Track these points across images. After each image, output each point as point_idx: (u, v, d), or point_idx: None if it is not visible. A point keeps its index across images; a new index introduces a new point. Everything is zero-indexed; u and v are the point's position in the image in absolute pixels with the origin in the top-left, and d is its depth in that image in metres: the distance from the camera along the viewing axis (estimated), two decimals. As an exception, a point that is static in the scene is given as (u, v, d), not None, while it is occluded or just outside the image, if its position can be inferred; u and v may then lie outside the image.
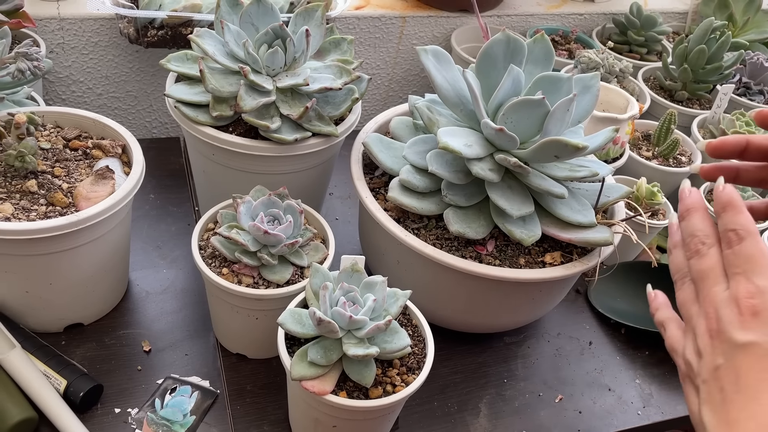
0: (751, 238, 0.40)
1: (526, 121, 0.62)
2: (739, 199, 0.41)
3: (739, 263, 0.39)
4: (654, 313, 0.48)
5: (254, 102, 0.64)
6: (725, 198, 0.42)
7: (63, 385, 0.59)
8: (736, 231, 0.40)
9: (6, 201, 0.58)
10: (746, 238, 0.39)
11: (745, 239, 0.39)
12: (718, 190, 0.43)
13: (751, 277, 0.38)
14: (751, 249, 0.39)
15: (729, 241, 0.40)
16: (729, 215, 0.41)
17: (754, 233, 0.40)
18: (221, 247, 0.60)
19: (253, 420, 0.63)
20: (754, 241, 0.40)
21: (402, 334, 0.55)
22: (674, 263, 0.46)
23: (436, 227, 0.67)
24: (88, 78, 0.93)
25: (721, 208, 0.41)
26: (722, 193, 0.42)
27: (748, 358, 0.37)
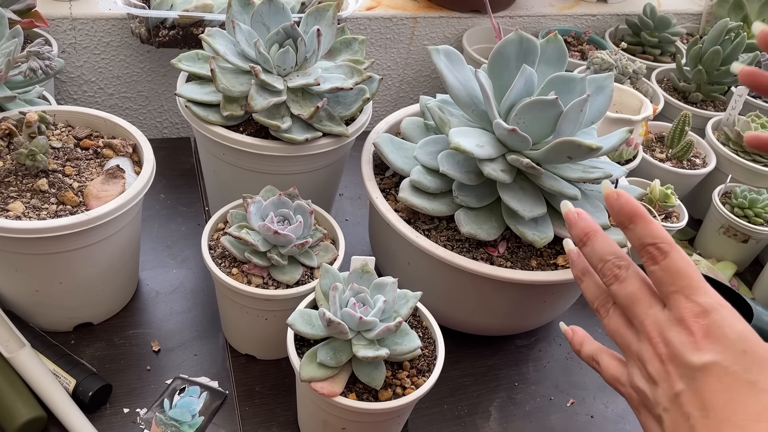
0: (675, 251, 0.38)
1: (538, 122, 0.61)
2: (642, 208, 0.39)
3: (672, 280, 0.37)
4: (579, 349, 0.46)
5: (265, 102, 0.64)
6: (629, 209, 0.39)
7: (72, 384, 0.59)
8: (656, 245, 0.38)
9: (17, 200, 0.58)
10: (670, 252, 0.38)
11: (670, 253, 0.37)
12: (613, 198, 0.40)
13: (690, 296, 0.37)
14: (679, 263, 0.37)
15: (652, 257, 0.38)
16: (641, 227, 0.39)
17: (674, 244, 0.38)
18: (231, 247, 0.60)
19: (262, 421, 0.62)
20: (679, 253, 0.38)
21: (412, 335, 0.54)
22: (588, 292, 0.44)
23: (447, 228, 0.66)
24: (99, 78, 0.93)
25: (628, 219, 0.39)
26: (625, 203, 0.39)
27: (709, 380, 0.35)
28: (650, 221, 0.38)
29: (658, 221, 0.39)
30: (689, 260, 0.37)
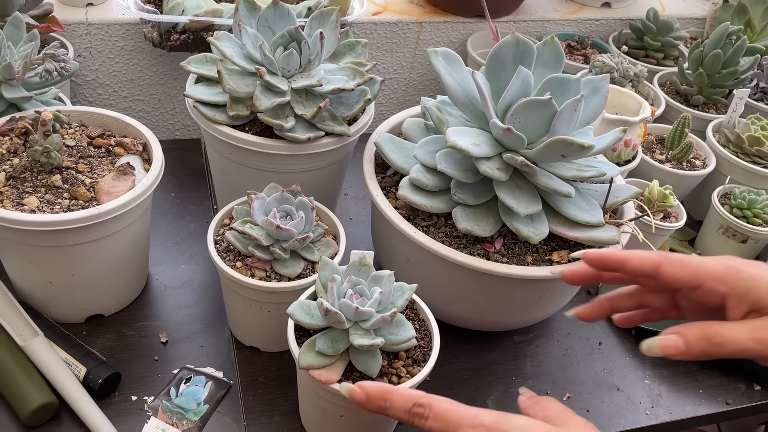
0: (433, 400, 0.41)
1: (534, 122, 0.63)
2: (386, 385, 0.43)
3: (448, 422, 0.40)
4: None
5: (269, 102, 0.66)
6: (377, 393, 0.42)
7: (83, 372, 0.61)
8: (416, 404, 0.41)
9: (32, 194, 0.60)
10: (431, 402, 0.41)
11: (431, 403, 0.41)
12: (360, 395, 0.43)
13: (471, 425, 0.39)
14: (443, 406, 0.40)
15: (420, 415, 0.41)
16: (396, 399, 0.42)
17: (429, 396, 0.41)
18: (235, 241, 0.63)
19: (265, 410, 0.64)
20: (437, 400, 0.41)
21: (407, 326, 0.56)
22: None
23: (445, 225, 0.68)
24: (113, 81, 0.97)
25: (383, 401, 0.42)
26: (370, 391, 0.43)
27: None
28: (398, 390, 0.42)
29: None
30: (449, 399, 0.41)
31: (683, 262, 0.45)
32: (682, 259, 0.46)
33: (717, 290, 0.45)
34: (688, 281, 0.45)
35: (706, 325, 0.44)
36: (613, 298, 0.52)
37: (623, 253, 0.47)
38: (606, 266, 0.48)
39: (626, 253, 0.47)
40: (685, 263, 0.46)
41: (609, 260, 0.47)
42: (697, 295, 0.46)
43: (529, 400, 0.47)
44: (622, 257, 0.47)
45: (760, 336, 0.43)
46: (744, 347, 0.43)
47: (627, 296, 0.52)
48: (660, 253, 0.47)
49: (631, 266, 0.46)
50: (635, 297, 0.52)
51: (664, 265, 0.45)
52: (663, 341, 0.45)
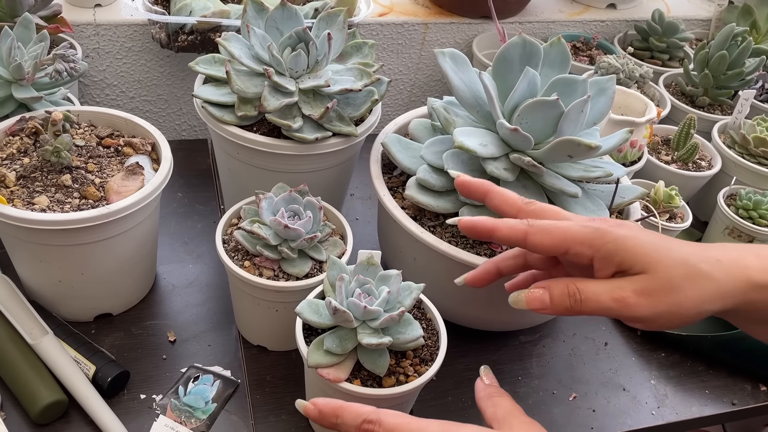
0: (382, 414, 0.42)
1: (540, 122, 0.63)
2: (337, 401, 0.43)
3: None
4: None
5: (277, 102, 0.66)
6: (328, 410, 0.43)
7: (92, 370, 0.62)
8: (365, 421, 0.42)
9: (42, 194, 0.61)
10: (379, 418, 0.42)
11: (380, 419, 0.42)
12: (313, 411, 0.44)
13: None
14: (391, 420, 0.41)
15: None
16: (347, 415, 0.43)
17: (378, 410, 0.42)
18: (243, 240, 0.63)
19: (272, 409, 0.65)
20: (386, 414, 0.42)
21: (415, 325, 0.56)
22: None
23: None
24: (121, 82, 0.97)
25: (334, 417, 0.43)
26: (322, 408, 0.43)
27: None
28: (349, 407, 0.43)
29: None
30: (398, 413, 0.42)
31: (549, 229, 0.45)
32: (548, 227, 0.46)
33: (584, 254, 0.45)
34: (555, 248, 0.45)
35: (570, 282, 0.45)
36: (497, 260, 0.53)
37: (493, 221, 0.47)
38: (477, 233, 0.48)
39: (495, 222, 0.47)
40: (551, 230, 0.45)
41: (479, 227, 0.48)
42: (567, 259, 0.47)
43: (483, 391, 0.48)
44: (491, 226, 0.47)
45: (619, 295, 0.43)
46: (604, 305, 0.44)
47: (511, 257, 0.53)
48: (526, 222, 0.46)
49: (499, 235, 0.47)
50: (519, 257, 0.53)
51: (530, 234, 0.46)
52: (529, 294, 0.46)
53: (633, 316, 0.43)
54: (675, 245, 0.45)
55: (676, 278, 0.43)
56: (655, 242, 0.44)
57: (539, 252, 0.46)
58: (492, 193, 0.50)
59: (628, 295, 0.43)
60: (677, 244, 0.45)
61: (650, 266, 0.43)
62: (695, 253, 0.44)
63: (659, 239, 0.45)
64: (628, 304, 0.43)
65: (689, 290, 0.43)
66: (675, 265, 0.43)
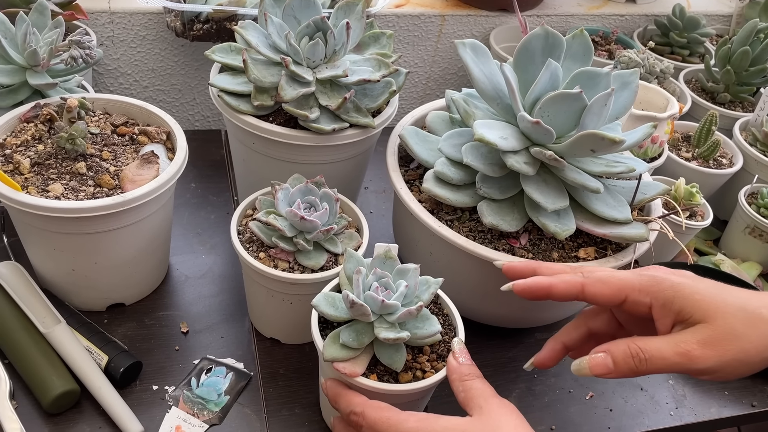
0: (367, 408, 0.44)
1: (562, 115, 0.62)
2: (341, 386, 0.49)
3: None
4: None
5: (294, 92, 0.65)
6: (332, 393, 0.47)
7: (104, 360, 0.61)
8: (352, 413, 0.44)
9: (56, 181, 0.60)
10: (364, 411, 0.44)
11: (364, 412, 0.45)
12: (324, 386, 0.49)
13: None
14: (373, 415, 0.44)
15: (355, 424, 0.44)
16: (341, 402, 0.46)
17: (366, 404, 0.45)
18: (259, 231, 0.62)
19: (285, 402, 0.64)
20: (371, 408, 0.44)
21: (433, 320, 0.55)
22: None
23: (469, 219, 0.67)
24: (135, 71, 0.96)
25: (333, 401, 0.46)
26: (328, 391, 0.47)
27: None
28: (344, 395, 0.46)
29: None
30: (382, 406, 0.44)
31: (605, 279, 0.46)
32: (603, 277, 0.46)
33: (642, 302, 0.45)
34: (612, 297, 0.46)
35: (630, 342, 0.44)
36: (559, 336, 0.53)
37: (548, 279, 0.48)
38: (534, 295, 0.48)
39: (551, 280, 0.47)
40: (607, 280, 0.46)
41: (536, 289, 0.48)
42: (625, 309, 0.47)
43: (455, 372, 0.49)
44: (547, 284, 0.48)
45: (683, 349, 0.43)
46: (669, 361, 0.43)
47: (573, 329, 0.53)
48: (581, 275, 0.47)
49: (557, 292, 0.47)
50: (580, 327, 0.52)
51: (587, 286, 0.46)
52: (592, 361, 0.45)
53: (699, 368, 0.42)
54: (732, 292, 0.45)
55: (737, 326, 0.42)
56: (712, 290, 0.44)
57: (597, 302, 0.46)
58: (541, 268, 0.51)
59: (693, 348, 0.42)
60: (734, 291, 0.45)
61: (710, 315, 0.43)
62: (752, 299, 0.44)
63: (715, 287, 0.45)
64: (693, 357, 0.42)
65: (752, 336, 0.42)
66: (734, 312, 0.43)
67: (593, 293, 0.46)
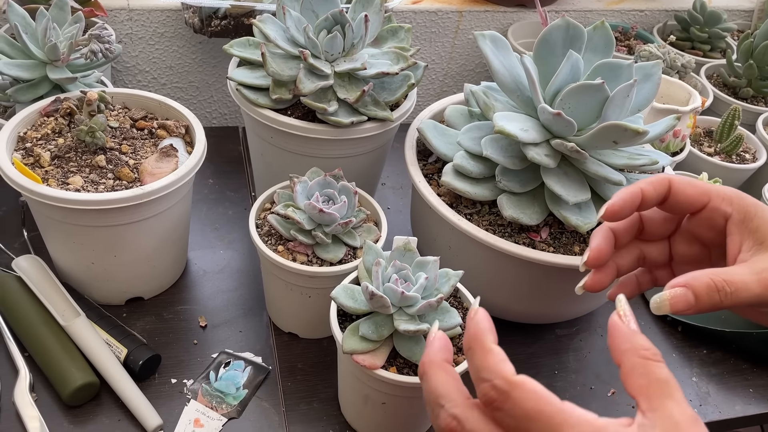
0: (516, 390, 0.32)
1: (584, 107, 0.61)
2: (486, 332, 0.34)
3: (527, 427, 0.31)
4: None
5: (313, 85, 0.65)
6: (472, 331, 0.34)
7: (123, 353, 0.61)
8: (492, 383, 0.33)
9: (76, 174, 0.60)
10: (511, 392, 0.32)
11: (510, 393, 0.32)
12: (470, 315, 0.35)
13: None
14: (525, 403, 0.32)
15: (489, 400, 0.33)
16: (477, 357, 0.34)
17: (515, 381, 0.32)
18: (277, 224, 0.62)
19: (303, 397, 0.64)
20: (522, 390, 0.32)
21: (453, 313, 0.55)
22: None
23: (489, 213, 0.66)
24: (153, 68, 0.97)
25: (467, 345, 0.35)
26: (471, 323, 0.34)
27: None
28: (487, 350, 0.34)
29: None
30: (535, 390, 0.32)
31: (692, 181, 0.47)
32: (691, 179, 0.47)
33: (723, 210, 0.46)
34: (697, 198, 0.46)
35: (713, 274, 0.41)
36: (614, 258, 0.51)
37: (636, 186, 0.47)
38: (630, 207, 0.46)
39: (639, 185, 0.47)
40: (695, 182, 0.47)
41: (628, 200, 0.46)
42: (702, 217, 0.47)
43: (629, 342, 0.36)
44: (637, 190, 0.46)
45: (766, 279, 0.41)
46: (753, 294, 0.41)
47: (626, 253, 0.51)
48: (668, 173, 0.47)
49: (647, 192, 0.46)
50: (633, 251, 0.51)
51: (675, 182, 0.46)
52: (672, 296, 0.40)
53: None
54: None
55: None
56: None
57: (681, 200, 0.46)
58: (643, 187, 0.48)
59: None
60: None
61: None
62: None
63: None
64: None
65: None
66: None
67: (680, 190, 0.46)
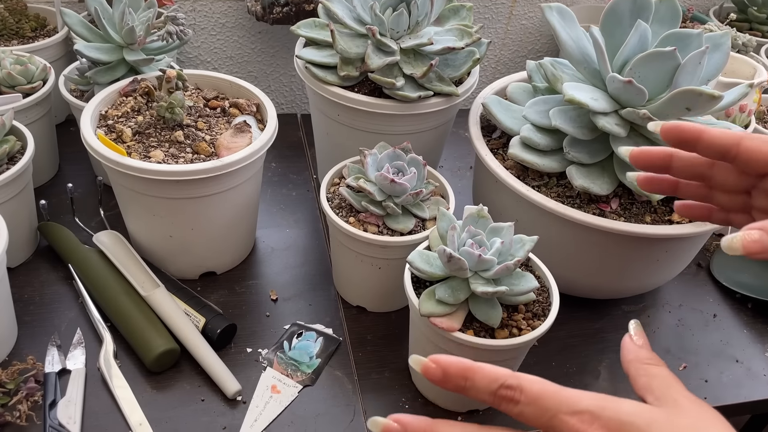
0: (523, 380, 0.34)
1: (654, 76, 0.61)
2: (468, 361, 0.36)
3: (544, 408, 0.33)
4: None
5: (380, 61, 0.66)
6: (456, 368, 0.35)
7: (202, 322, 0.63)
8: (504, 385, 0.34)
9: (157, 148, 0.63)
10: (521, 383, 0.33)
11: (521, 384, 0.33)
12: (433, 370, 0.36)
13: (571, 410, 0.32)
14: (536, 387, 0.33)
15: (509, 399, 0.34)
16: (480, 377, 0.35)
17: (518, 374, 0.34)
18: (349, 196, 0.63)
19: (375, 367, 0.65)
20: (528, 380, 0.34)
21: (529, 277, 0.55)
22: None
23: (557, 185, 0.66)
24: (214, 58, 1.00)
25: (462, 379, 0.35)
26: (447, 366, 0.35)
27: None
28: (481, 368, 0.35)
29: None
30: (541, 379, 0.34)
31: (766, 139, 0.41)
32: (764, 137, 0.42)
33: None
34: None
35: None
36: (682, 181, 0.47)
37: (700, 125, 0.43)
38: (682, 137, 0.43)
39: (703, 126, 0.43)
40: None
41: (686, 130, 0.42)
42: None
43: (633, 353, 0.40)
44: (699, 128, 0.42)
45: None
46: None
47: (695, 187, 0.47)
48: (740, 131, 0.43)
49: (708, 138, 0.42)
50: (703, 188, 0.47)
51: (745, 139, 0.41)
52: (746, 237, 0.39)
53: None
54: None
55: None
56: None
57: (751, 160, 0.42)
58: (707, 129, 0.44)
59: None
60: None
61: None
62: None
63: None
64: None
65: None
66: None
67: (750, 148, 0.41)
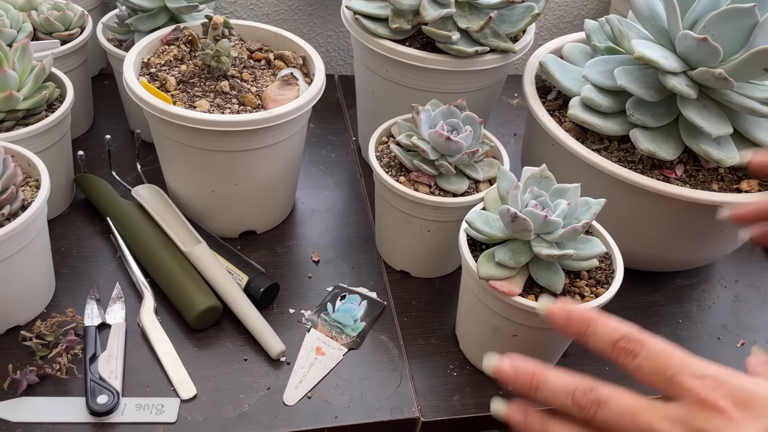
0: (647, 336, 0.34)
1: (730, 34, 0.57)
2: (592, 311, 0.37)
3: (666, 365, 0.33)
4: None
5: (436, 12, 0.63)
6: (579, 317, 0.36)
7: (244, 281, 0.61)
8: (626, 338, 0.34)
9: (202, 98, 0.60)
10: (644, 338, 0.34)
11: (644, 339, 0.34)
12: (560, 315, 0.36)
13: (696, 372, 0.32)
14: (660, 345, 0.33)
15: (628, 351, 0.34)
16: (602, 327, 0.35)
17: (641, 332, 0.34)
18: (400, 154, 0.60)
19: (420, 333, 0.62)
20: (653, 337, 0.34)
21: (595, 241, 0.52)
22: None
23: (618, 150, 0.63)
24: (250, 15, 0.96)
25: (585, 326, 0.36)
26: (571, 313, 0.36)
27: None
28: (607, 319, 0.35)
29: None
30: (664, 341, 0.34)
31: None
32: None
33: None
34: None
35: None
36: None
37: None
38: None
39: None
40: None
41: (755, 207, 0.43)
42: None
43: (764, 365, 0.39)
44: None
45: None
46: None
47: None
48: None
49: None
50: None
51: None
52: None
53: None
54: None
55: None
56: None
57: None
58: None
59: None
60: None
61: None
62: None
63: None
64: None
65: None
66: None
67: None
